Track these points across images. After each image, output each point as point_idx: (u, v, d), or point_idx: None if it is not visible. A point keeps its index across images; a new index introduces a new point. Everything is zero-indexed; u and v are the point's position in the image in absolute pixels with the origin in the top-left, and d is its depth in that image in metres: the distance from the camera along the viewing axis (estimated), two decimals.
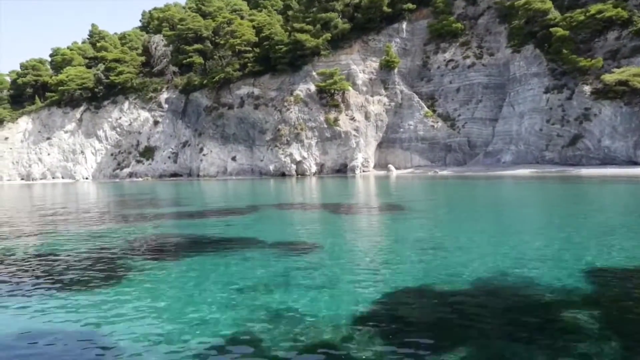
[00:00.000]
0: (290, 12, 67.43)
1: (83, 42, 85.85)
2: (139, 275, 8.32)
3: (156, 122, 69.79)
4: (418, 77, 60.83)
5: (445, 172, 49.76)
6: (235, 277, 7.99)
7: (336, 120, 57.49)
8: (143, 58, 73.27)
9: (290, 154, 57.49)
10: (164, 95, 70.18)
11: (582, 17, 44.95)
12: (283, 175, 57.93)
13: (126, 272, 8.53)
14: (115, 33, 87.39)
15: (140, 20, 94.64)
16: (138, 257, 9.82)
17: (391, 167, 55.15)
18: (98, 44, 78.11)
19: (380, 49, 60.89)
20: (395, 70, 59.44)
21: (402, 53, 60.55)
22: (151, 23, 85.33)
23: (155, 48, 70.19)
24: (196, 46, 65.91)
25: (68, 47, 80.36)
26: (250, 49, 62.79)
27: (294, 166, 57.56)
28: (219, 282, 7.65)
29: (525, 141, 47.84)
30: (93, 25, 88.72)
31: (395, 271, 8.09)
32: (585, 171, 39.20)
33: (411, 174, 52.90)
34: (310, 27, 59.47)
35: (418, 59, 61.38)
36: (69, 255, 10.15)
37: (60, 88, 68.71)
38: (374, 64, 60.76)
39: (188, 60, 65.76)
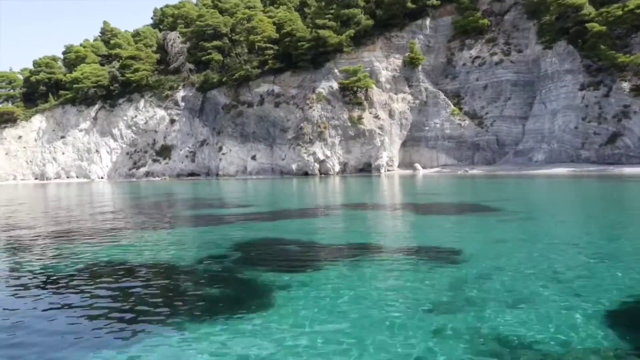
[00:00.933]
0: (307, 9, 66.23)
1: (95, 40, 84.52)
2: (281, 293, 6.87)
3: (173, 121, 68.56)
4: (442, 74, 59.67)
5: (475, 171, 48.61)
6: (401, 291, 6.79)
7: (360, 118, 56.32)
8: (158, 55, 71.97)
9: (314, 153, 56.31)
10: (180, 93, 68.93)
11: (619, 12, 43.79)
12: (306, 174, 56.74)
13: (263, 289, 7.15)
14: (127, 31, 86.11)
15: (151, 18, 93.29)
16: (261, 269, 8.53)
17: (417, 166, 53.97)
18: (112, 41, 76.85)
19: (403, 46, 59.72)
20: (420, 68, 58.28)
21: (425, 50, 59.36)
22: (164, 20, 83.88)
23: (172, 45, 68.92)
24: (215, 43, 64.65)
25: (81, 45, 79.04)
26: (271, 45, 61.52)
27: (317, 165, 56.38)
28: (388, 299, 6.40)
29: (559, 139, 46.67)
30: (105, 22, 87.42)
31: (592, 281, 6.93)
32: (628, 170, 38.01)
33: (438, 173, 51.75)
34: (332, 23, 58.27)
35: (442, 56, 60.21)
36: (181, 268, 8.96)
37: (75, 86, 67.41)
38: (397, 61, 59.59)
39: (207, 57, 64.52)
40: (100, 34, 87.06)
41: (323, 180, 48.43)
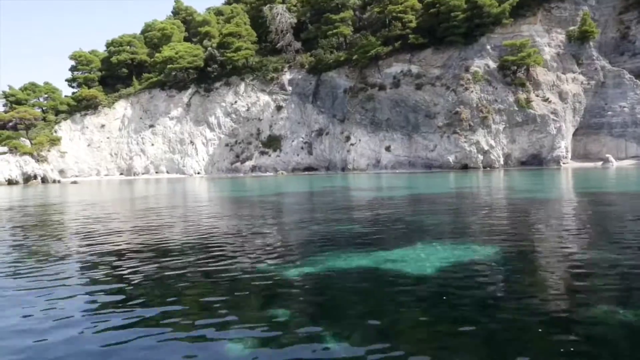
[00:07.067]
0: None
1: (168, 19, 75.46)
2: None
3: (279, 107, 59.60)
4: (615, 51, 51.07)
5: None
6: None
7: (529, 101, 47.63)
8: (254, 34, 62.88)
9: (477, 142, 47.56)
10: (286, 76, 60.04)
11: None
12: (465, 167, 47.95)
13: None
14: (196, 12, 76.90)
15: None
16: None
17: (610, 157, 45.15)
18: (198, 18, 67.87)
19: (565, 19, 51.28)
20: (591, 43, 49.69)
21: None
22: None
23: (279, 20, 59.83)
24: (343, 14, 55.59)
25: (161, 22, 69.89)
26: (411, 17, 52.69)
27: (480, 157, 47.66)
28: None
29: None
30: (177, 1, 78.48)
31: None
32: None
33: (637, 167, 42.97)
34: None
35: (612, 30, 51.64)
36: None
37: (169, 66, 58.24)
38: (559, 36, 51.03)
39: (334, 31, 55.49)
40: (172, 13, 78.15)
41: (489, 174, 39.17)
